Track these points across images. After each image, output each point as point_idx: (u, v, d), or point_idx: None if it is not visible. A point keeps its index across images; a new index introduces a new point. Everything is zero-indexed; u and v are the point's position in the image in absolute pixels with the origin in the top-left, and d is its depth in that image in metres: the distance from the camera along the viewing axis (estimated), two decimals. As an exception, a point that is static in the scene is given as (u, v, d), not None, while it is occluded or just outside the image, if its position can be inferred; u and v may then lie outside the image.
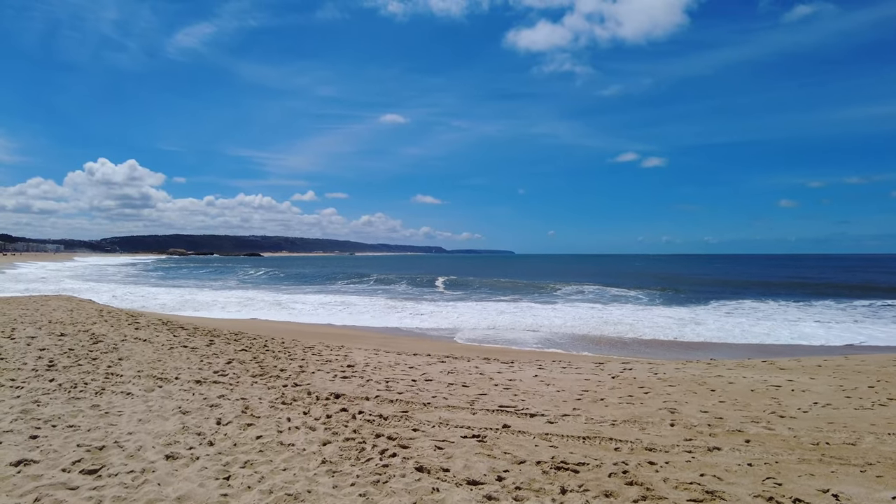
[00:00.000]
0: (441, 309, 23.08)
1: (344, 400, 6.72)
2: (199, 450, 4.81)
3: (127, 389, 6.86)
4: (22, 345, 9.65)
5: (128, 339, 10.79)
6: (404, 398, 6.88)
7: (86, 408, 6.00)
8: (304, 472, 4.36)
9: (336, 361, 9.37)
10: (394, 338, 15.08)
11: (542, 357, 11.50)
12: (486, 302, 26.64)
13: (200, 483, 4.13)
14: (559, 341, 14.97)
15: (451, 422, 5.89)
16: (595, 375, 8.75)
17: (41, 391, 6.62)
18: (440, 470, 4.45)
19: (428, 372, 8.74)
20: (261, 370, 8.36)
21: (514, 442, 5.26)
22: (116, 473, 4.26)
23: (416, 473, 4.38)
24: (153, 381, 7.34)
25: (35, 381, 7.09)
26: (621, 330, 16.92)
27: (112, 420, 5.60)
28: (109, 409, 5.97)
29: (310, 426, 5.58)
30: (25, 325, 12.08)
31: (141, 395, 6.60)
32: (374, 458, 4.70)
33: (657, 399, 7.12)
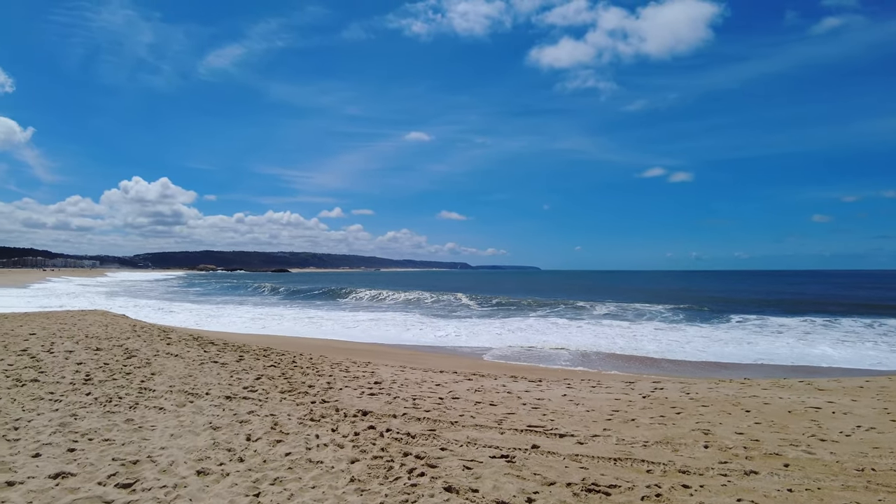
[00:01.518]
0: (467, 325, 23.00)
1: (371, 417, 6.72)
2: (229, 466, 4.86)
3: (159, 404, 6.97)
4: (60, 359, 9.92)
5: (160, 354, 11.00)
6: (431, 416, 6.85)
7: (120, 422, 6.11)
8: (333, 490, 4.36)
9: (363, 378, 9.39)
10: (420, 354, 15.06)
11: (571, 375, 11.34)
12: (512, 319, 26.45)
13: (231, 500, 4.16)
14: (587, 359, 14.76)
15: (479, 441, 5.83)
16: (625, 395, 8.58)
17: (78, 405, 6.78)
18: (469, 490, 4.40)
19: (455, 390, 8.69)
20: (289, 386, 8.42)
21: (543, 463, 5.18)
22: (150, 488, 4.33)
23: (444, 494, 4.34)
24: (184, 397, 7.45)
25: (73, 395, 7.27)
26: (650, 348, 16.61)
27: (145, 434, 5.70)
28: (143, 424, 6.07)
29: (338, 443, 5.59)
30: (64, 339, 12.42)
31: (173, 410, 6.70)
32: (403, 477, 4.68)
33: (690, 420, 6.94)
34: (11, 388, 7.52)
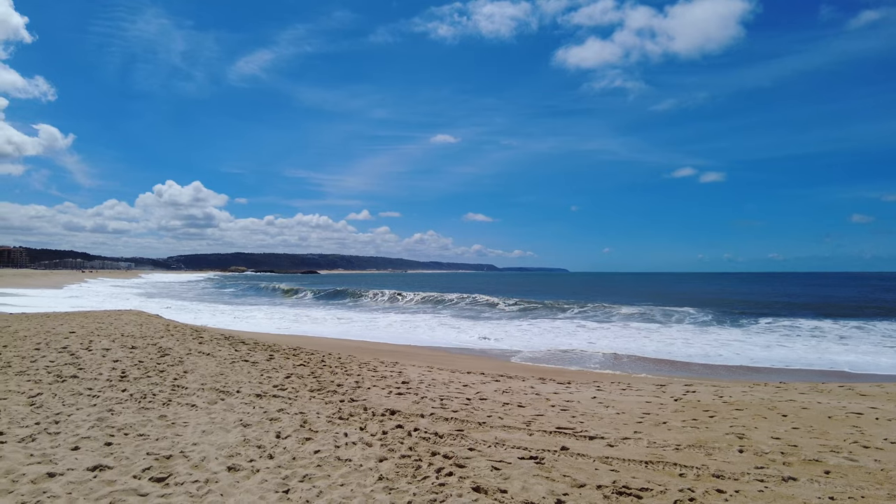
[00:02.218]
0: (494, 327, 22.92)
1: (399, 416, 6.73)
2: (259, 462, 4.91)
3: (192, 401, 7.11)
4: (98, 356, 10.20)
5: (192, 352, 11.21)
6: (459, 416, 6.82)
7: (154, 418, 6.25)
8: (362, 489, 4.37)
9: (391, 378, 9.42)
10: (447, 355, 15.05)
11: (600, 378, 11.19)
12: (540, 320, 26.26)
13: (261, 496, 4.20)
14: (617, 362, 14.54)
15: (507, 442, 5.78)
16: (656, 398, 8.42)
17: (115, 400, 6.96)
18: (497, 491, 4.37)
19: (482, 391, 8.65)
20: (318, 385, 8.49)
21: (573, 465, 5.11)
22: (182, 483, 4.40)
23: (473, 494, 4.31)
24: (216, 394, 7.58)
25: (109, 391, 7.46)
26: (681, 351, 16.29)
27: (178, 430, 5.81)
28: (175, 420, 6.19)
29: (366, 442, 5.61)
30: (101, 337, 12.77)
31: (204, 408, 6.82)
32: (431, 476, 4.66)
33: (723, 423, 6.77)
34: (53, 384, 7.76)
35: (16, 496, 4.07)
